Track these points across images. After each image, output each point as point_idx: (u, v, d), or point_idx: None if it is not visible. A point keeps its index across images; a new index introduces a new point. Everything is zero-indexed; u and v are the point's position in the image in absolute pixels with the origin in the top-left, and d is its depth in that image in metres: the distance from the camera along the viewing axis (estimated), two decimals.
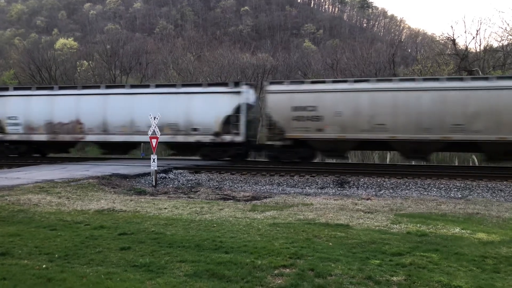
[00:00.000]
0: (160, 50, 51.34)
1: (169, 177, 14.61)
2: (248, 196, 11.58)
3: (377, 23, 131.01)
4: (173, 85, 20.21)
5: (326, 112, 16.74)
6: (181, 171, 15.42)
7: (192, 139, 18.31)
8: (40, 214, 7.74)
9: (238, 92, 18.06)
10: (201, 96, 18.49)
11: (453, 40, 31.30)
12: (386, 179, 13.75)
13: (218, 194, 12.01)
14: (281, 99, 17.39)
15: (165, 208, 8.68)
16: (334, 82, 18.16)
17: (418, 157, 17.66)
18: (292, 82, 18.64)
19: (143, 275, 4.58)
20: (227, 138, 17.93)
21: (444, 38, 34.55)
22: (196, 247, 5.67)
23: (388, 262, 5.11)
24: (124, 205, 8.96)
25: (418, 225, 7.26)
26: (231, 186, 13.76)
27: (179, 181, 14.29)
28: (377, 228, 7.04)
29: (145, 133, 18.39)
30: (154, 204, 9.24)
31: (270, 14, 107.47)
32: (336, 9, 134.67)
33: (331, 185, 13.56)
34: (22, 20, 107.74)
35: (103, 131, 19.35)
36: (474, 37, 40.23)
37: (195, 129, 18.02)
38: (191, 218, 7.62)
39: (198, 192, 12.13)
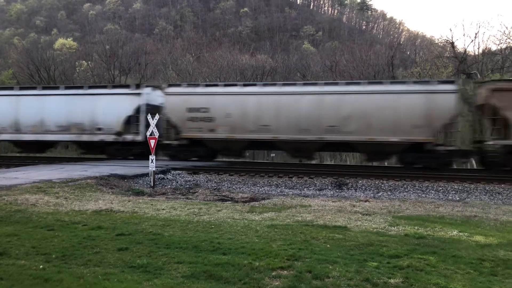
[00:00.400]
0: (159, 51, 51.41)
1: (167, 178, 14.59)
2: (246, 198, 11.54)
3: (376, 25, 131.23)
4: (81, 87, 21.75)
5: (218, 113, 17.76)
6: (179, 172, 15.40)
7: (96, 138, 19.59)
8: (37, 214, 7.71)
9: (139, 94, 19.34)
10: (105, 98, 19.80)
11: (452, 43, 31.48)
12: (384, 181, 13.76)
13: (216, 195, 11.99)
14: (178, 100, 18.37)
15: (163, 209, 8.66)
16: (225, 85, 19.39)
17: (301, 156, 18.80)
18: (189, 85, 19.62)
19: (140, 276, 4.57)
20: (129, 137, 19.23)
21: (443, 40, 34.75)
22: (193, 248, 5.67)
23: (385, 264, 5.11)
24: (122, 206, 8.94)
25: (416, 227, 7.26)
26: (229, 187, 13.75)
27: (177, 182, 14.27)
28: (375, 230, 7.04)
29: (54, 132, 20.01)
30: (152, 205, 9.22)
31: (270, 16, 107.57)
32: (336, 11, 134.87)
33: (329, 187, 13.56)
34: (22, 20, 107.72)
35: (16, 131, 20.43)
36: (472, 40, 40.25)
37: (99, 129, 19.16)
38: (189, 219, 7.61)
39: (196, 193, 12.10)
